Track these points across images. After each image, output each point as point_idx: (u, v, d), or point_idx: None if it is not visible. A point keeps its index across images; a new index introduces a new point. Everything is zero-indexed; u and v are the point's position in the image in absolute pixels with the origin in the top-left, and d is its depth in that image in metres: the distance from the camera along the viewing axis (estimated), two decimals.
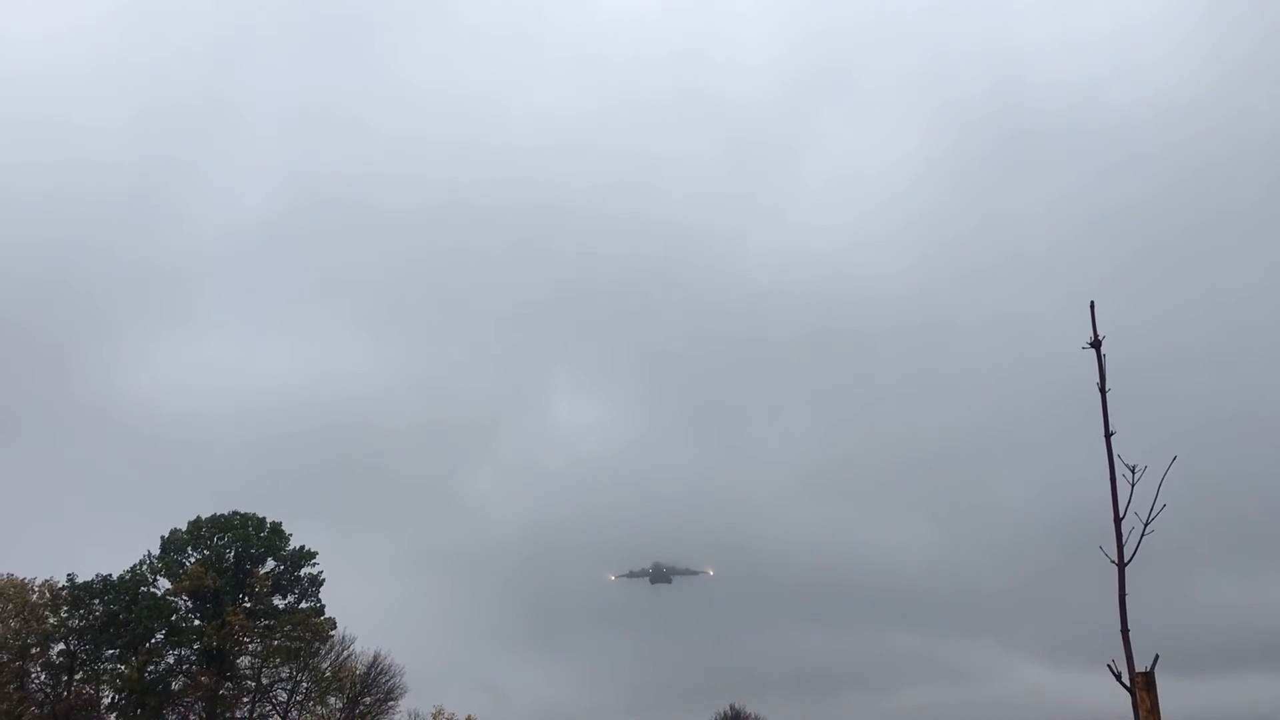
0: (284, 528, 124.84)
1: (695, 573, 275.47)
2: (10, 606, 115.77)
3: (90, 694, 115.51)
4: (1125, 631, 17.48)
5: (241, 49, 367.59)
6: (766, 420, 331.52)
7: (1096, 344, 18.81)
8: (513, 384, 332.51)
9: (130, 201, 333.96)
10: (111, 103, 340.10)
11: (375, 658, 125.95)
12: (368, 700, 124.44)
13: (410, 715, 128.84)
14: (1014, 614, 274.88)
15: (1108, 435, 18.27)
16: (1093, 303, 18.84)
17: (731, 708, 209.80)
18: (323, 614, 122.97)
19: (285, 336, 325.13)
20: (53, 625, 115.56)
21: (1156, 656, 17.01)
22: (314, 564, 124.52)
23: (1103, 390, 18.69)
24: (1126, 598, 17.60)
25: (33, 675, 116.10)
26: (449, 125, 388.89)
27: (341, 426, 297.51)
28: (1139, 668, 17.07)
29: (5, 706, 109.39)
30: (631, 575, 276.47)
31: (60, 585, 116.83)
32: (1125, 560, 17.55)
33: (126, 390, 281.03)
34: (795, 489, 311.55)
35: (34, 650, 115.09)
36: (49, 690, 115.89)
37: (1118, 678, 17.08)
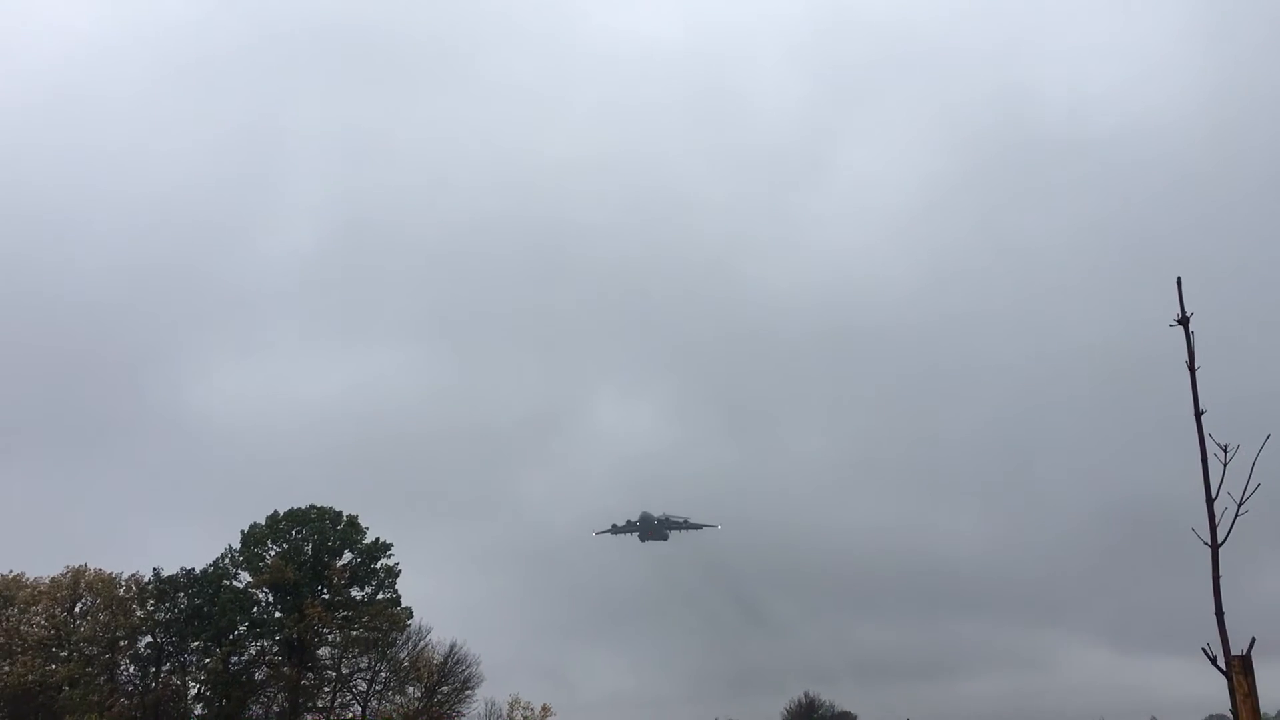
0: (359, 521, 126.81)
1: (697, 527, 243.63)
2: (99, 601, 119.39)
3: (177, 685, 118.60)
4: (1220, 614, 17.00)
5: (289, 94, 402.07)
6: (800, 421, 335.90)
7: (1184, 320, 18.27)
8: (556, 392, 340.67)
9: (196, 232, 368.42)
10: (176, 144, 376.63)
11: (452, 647, 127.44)
12: (445, 690, 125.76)
13: (487, 705, 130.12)
14: (1074, 599, 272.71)
15: (1198, 414, 17.73)
16: (1179, 279, 18.28)
17: (805, 695, 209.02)
18: (399, 605, 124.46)
19: (340, 352, 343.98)
20: (140, 618, 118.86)
21: (1253, 640, 16.55)
22: (389, 555, 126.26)
23: (1192, 369, 18.14)
24: (1220, 580, 17.13)
25: (122, 667, 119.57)
26: (484, 157, 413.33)
27: (396, 434, 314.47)
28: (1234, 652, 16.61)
29: (96, 698, 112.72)
30: (616, 530, 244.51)
31: (146, 579, 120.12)
32: (1219, 542, 17.07)
33: (196, 403, 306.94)
34: (836, 483, 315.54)
35: (122, 643, 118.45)
36: (138, 681, 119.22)
37: (1213, 661, 16.65)
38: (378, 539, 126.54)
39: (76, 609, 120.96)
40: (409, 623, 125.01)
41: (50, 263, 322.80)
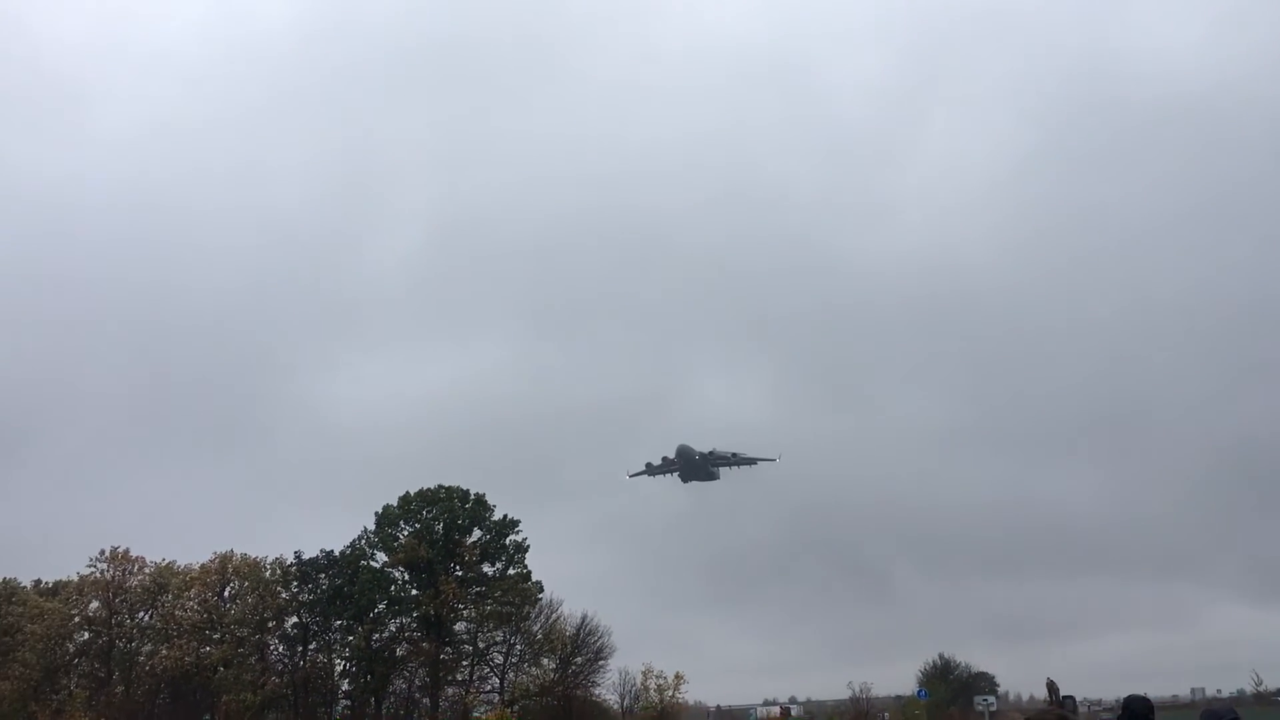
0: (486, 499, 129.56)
1: (750, 461, 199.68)
2: (246, 584, 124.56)
3: (324, 662, 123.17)
4: None
5: (385, 107, 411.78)
6: (901, 387, 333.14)
7: None
8: (659, 373, 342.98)
9: (310, 243, 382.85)
10: (292, 158, 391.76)
11: (584, 619, 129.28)
12: (579, 660, 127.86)
13: (621, 674, 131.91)
14: (1205, 553, 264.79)
15: None
16: None
17: (940, 656, 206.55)
18: (530, 579, 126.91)
19: (450, 346, 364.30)
20: (285, 600, 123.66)
21: None
22: (517, 531, 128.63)
23: None
24: None
25: (271, 647, 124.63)
26: (571, 150, 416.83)
27: (509, 419, 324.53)
28: None
29: (249, 677, 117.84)
30: (652, 471, 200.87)
31: (289, 563, 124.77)
32: None
33: (321, 400, 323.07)
34: (942, 446, 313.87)
35: (270, 624, 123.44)
36: (287, 660, 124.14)
37: None
38: (505, 516, 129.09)
39: (226, 593, 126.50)
40: (540, 596, 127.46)
41: (183, 280, 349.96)
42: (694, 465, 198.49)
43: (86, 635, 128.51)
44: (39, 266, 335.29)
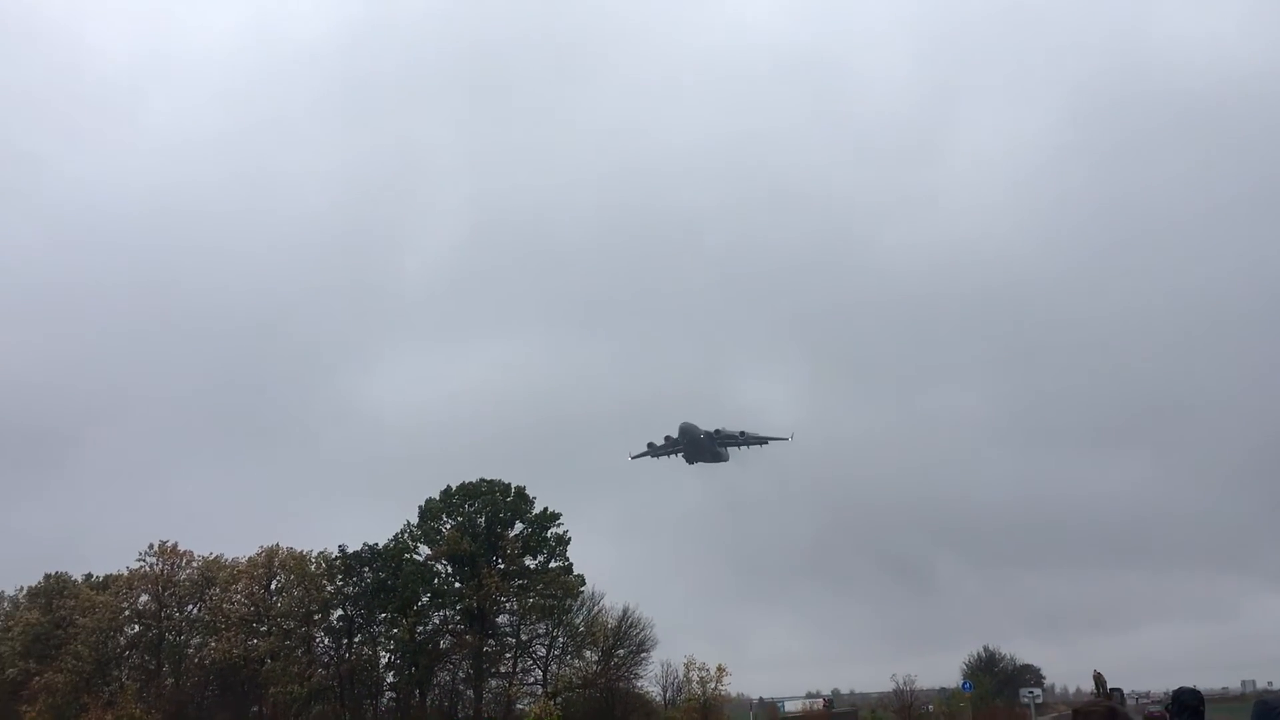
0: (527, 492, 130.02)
1: (761, 440, 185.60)
2: (292, 578, 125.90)
3: (369, 655, 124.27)
4: None
5: (424, 110, 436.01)
6: (937, 382, 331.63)
7: None
8: (698, 368, 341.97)
9: (354, 244, 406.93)
10: (331, 163, 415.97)
11: (625, 611, 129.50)
12: (621, 653, 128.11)
13: (664, 666, 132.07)
14: (1249, 545, 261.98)
15: None
16: None
17: (985, 648, 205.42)
18: (571, 572, 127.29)
19: (491, 344, 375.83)
20: (330, 593, 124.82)
21: None
22: (559, 524, 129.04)
23: None
24: None
25: (317, 640, 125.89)
26: (604, 153, 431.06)
27: (549, 415, 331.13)
28: None
29: (296, 669, 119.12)
30: (655, 452, 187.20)
31: (333, 556, 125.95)
32: None
33: (366, 397, 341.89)
34: (981, 439, 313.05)
35: (316, 616, 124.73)
36: (333, 653, 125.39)
37: None
38: (546, 509, 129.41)
39: (272, 586, 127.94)
40: (581, 590, 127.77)
41: (226, 284, 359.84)
42: (698, 445, 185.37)
43: (137, 628, 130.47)
44: (86, 274, 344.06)
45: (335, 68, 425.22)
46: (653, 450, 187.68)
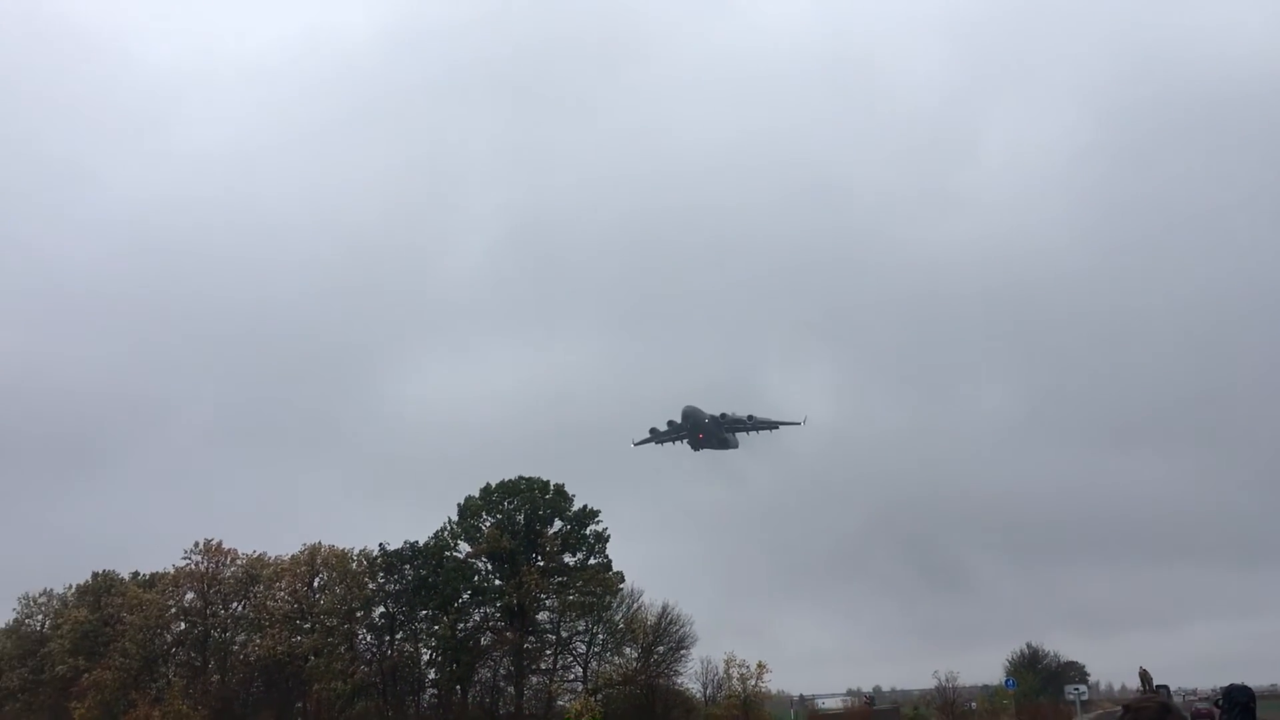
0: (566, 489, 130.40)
1: (771, 425, 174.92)
2: (334, 575, 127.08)
3: (411, 652, 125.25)
4: None
5: (462, 116, 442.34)
6: (974, 378, 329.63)
7: None
8: (731, 366, 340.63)
9: (394, 250, 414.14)
10: (371, 169, 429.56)
11: (664, 608, 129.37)
12: (660, 650, 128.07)
13: (704, 663, 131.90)
14: None
15: None
16: None
17: (1028, 645, 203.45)
18: (610, 569, 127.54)
19: (532, 345, 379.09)
20: (372, 590, 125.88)
21: None
22: (598, 522, 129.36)
23: None
24: None
25: (359, 636, 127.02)
26: (639, 154, 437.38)
27: (589, 415, 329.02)
28: None
29: (339, 666, 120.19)
30: (659, 438, 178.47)
31: (375, 554, 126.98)
32: None
33: (410, 400, 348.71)
34: (1018, 437, 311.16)
35: (358, 614, 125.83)
36: (375, 650, 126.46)
37: None
38: (585, 506, 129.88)
39: (315, 583, 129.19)
40: (621, 587, 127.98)
41: (271, 292, 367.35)
42: (704, 429, 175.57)
43: (183, 625, 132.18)
44: (134, 283, 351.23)
45: (374, 76, 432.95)
46: (656, 436, 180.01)
